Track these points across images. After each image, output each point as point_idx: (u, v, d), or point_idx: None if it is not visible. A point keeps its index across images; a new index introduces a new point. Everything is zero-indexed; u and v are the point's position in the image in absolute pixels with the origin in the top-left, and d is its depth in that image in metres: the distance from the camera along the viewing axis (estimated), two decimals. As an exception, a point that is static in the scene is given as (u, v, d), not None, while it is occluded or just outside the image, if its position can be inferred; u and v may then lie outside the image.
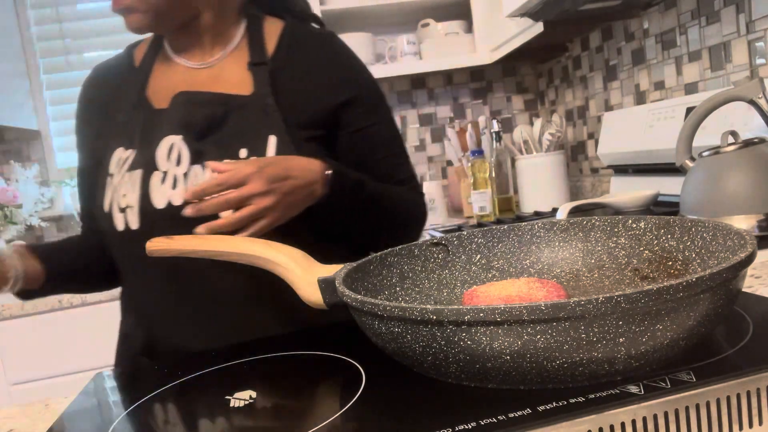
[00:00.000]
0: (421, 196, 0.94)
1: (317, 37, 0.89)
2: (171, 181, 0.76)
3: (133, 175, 0.76)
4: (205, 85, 0.82)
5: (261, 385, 0.52)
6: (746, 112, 1.10)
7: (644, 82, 1.65)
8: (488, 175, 1.85)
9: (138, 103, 0.82)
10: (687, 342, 0.41)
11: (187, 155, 0.76)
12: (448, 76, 2.36)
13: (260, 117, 0.79)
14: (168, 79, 0.85)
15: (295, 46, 0.86)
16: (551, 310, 0.36)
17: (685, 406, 0.38)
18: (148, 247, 0.68)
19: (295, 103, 0.82)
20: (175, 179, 0.76)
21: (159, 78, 0.85)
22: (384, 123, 0.92)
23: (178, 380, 0.57)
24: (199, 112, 0.78)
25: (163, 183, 0.76)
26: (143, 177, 0.76)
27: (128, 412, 0.50)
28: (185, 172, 0.76)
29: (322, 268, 0.60)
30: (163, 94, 0.82)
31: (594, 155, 2.00)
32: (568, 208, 1.31)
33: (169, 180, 0.76)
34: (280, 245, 0.63)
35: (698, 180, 0.93)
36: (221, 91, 0.81)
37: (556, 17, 1.54)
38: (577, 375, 0.39)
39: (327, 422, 0.41)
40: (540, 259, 0.65)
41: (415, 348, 0.43)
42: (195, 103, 0.79)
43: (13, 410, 0.61)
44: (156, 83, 0.85)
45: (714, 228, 0.52)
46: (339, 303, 0.56)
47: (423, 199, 0.95)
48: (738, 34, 1.27)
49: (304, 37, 0.88)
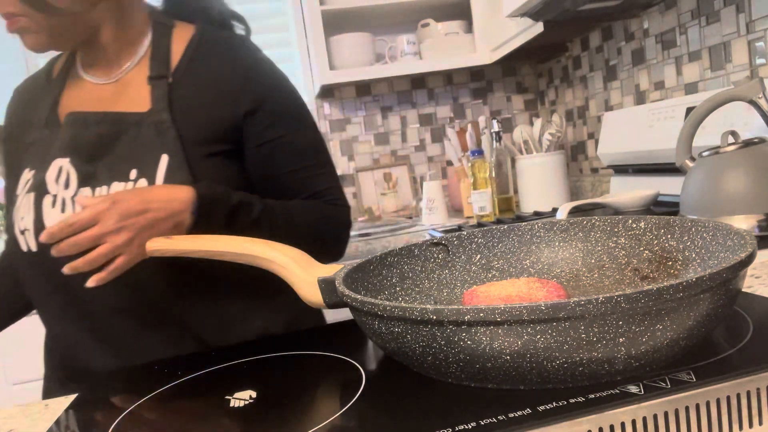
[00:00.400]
0: (338, 208, 0.88)
1: (223, 44, 0.83)
2: (60, 205, 0.75)
3: (28, 197, 0.76)
4: (106, 103, 0.80)
5: (261, 385, 0.52)
6: (746, 112, 1.10)
7: (644, 82, 1.65)
8: (488, 175, 1.85)
9: (48, 122, 0.80)
10: (687, 342, 0.41)
11: (75, 178, 0.75)
12: (448, 76, 2.36)
13: (153, 135, 0.76)
14: (77, 95, 0.82)
15: (200, 55, 0.81)
16: (551, 310, 0.36)
17: (685, 406, 0.38)
18: (148, 246, 0.68)
19: (193, 117, 0.78)
20: (63, 203, 0.75)
21: (70, 94, 0.83)
22: (295, 133, 0.85)
23: (178, 380, 0.57)
24: (88, 133, 0.76)
25: (54, 206, 0.75)
26: (36, 200, 0.75)
27: (128, 412, 0.50)
28: (73, 196, 0.75)
29: (322, 268, 0.60)
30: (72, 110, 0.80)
31: (594, 155, 2.00)
32: (568, 208, 1.31)
33: (59, 203, 0.75)
34: (280, 245, 0.63)
35: (698, 180, 0.93)
36: (121, 108, 0.78)
37: (556, 17, 1.54)
38: (577, 375, 0.39)
39: (327, 422, 0.41)
40: (540, 259, 0.65)
41: (415, 348, 0.43)
42: (84, 123, 0.77)
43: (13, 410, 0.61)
44: (67, 100, 0.82)
45: (714, 228, 0.52)
46: (339, 303, 0.57)
47: (341, 210, 0.89)
48: (738, 34, 1.27)
49: (210, 44, 0.83)
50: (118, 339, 0.77)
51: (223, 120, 0.79)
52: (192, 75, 0.80)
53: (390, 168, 2.34)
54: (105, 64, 0.82)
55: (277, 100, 0.83)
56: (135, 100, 0.79)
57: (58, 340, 0.82)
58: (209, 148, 0.78)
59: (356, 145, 2.33)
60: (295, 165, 0.84)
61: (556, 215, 1.32)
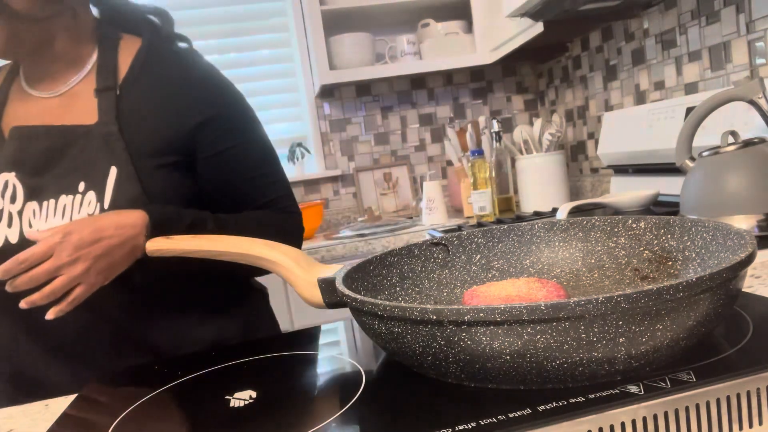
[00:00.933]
0: (291, 216, 0.89)
1: (172, 56, 0.83)
2: (6, 219, 0.74)
3: None
4: (53, 116, 0.79)
5: (261, 385, 0.52)
6: (746, 112, 1.10)
7: (644, 82, 1.65)
8: (488, 175, 1.85)
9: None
10: (687, 342, 0.41)
11: (21, 192, 0.75)
12: (448, 76, 2.36)
13: (101, 147, 0.75)
14: (22, 109, 0.81)
15: (148, 66, 0.81)
16: (551, 310, 0.36)
17: (685, 406, 0.38)
18: (149, 247, 0.68)
19: (142, 129, 0.77)
20: (10, 217, 0.74)
21: (13, 109, 0.81)
22: (246, 144, 0.85)
23: (178, 380, 0.57)
24: (34, 146, 0.76)
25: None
26: None
27: (128, 412, 0.50)
28: (19, 210, 0.74)
29: (322, 268, 0.60)
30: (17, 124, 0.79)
31: (594, 155, 2.00)
32: (568, 208, 1.31)
33: (5, 218, 0.74)
34: (280, 245, 0.63)
35: (698, 180, 0.93)
36: (68, 121, 0.78)
37: (556, 17, 1.54)
38: (577, 375, 0.39)
39: (327, 422, 0.41)
40: (540, 259, 0.65)
41: (415, 348, 0.43)
42: (29, 136, 0.76)
43: (13, 410, 0.61)
44: (10, 114, 0.81)
45: (714, 228, 0.52)
46: (339, 303, 0.57)
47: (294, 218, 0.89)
48: (738, 34, 1.27)
49: (158, 56, 0.83)
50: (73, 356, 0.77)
51: (173, 131, 0.79)
52: (140, 87, 0.80)
53: (390, 168, 2.34)
54: (51, 77, 0.81)
55: (228, 112, 0.83)
56: (82, 113, 0.78)
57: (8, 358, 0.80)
58: (159, 159, 0.78)
59: (356, 145, 2.33)
60: (247, 174, 0.85)
61: (556, 215, 1.32)
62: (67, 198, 0.74)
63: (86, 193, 0.74)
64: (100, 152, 0.75)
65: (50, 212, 0.74)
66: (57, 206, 0.74)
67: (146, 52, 0.82)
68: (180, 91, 0.80)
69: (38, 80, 0.82)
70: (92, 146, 0.76)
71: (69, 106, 0.80)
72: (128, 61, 0.81)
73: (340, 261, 1.75)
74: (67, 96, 0.81)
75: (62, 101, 0.80)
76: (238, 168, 0.84)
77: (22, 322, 0.77)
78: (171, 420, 0.49)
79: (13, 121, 0.80)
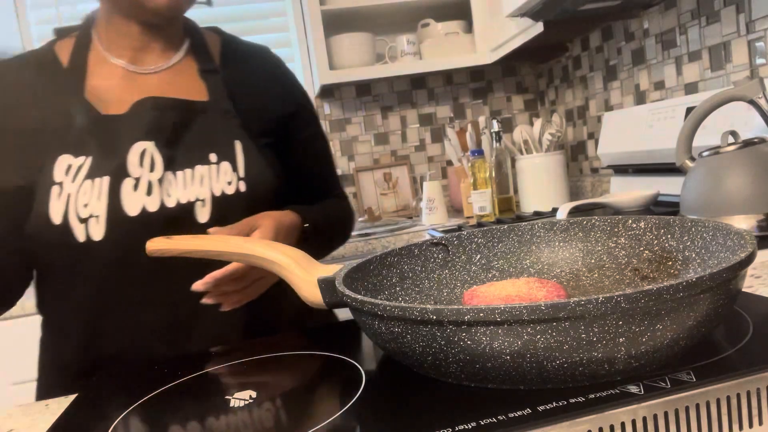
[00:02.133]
0: (348, 201, 1.01)
1: (258, 51, 0.92)
2: (145, 188, 0.74)
3: (97, 183, 0.73)
4: (162, 91, 0.80)
5: (261, 385, 0.52)
6: (746, 112, 1.10)
7: (644, 82, 1.65)
8: (488, 175, 1.85)
9: (79, 107, 0.77)
10: (687, 342, 0.41)
11: (160, 161, 0.75)
12: (448, 76, 2.36)
13: (222, 122, 0.80)
14: (108, 81, 0.80)
15: (239, 57, 0.88)
16: (551, 310, 0.36)
17: (685, 406, 0.38)
18: (149, 247, 0.68)
19: (248, 111, 0.83)
20: (149, 185, 0.74)
21: (96, 80, 0.80)
22: (319, 133, 0.96)
23: (178, 380, 0.57)
24: (167, 117, 0.77)
25: (136, 190, 0.74)
26: (112, 184, 0.73)
27: (128, 412, 0.50)
28: (159, 178, 0.75)
29: (322, 268, 0.60)
30: (110, 97, 0.79)
31: (594, 155, 2.00)
32: (568, 208, 1.31)
33: (143, 186, 0.74)
34: (280, 245, 0.63)
35: (698, 180, 0.93)
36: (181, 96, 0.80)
37: (556, 17, 1.54)
38: (577, 375, 0.39)
39: (327, 422, 0.41)
40: (540, 259, 0.65)
41: (415, 348, 0.43)
42: (162, 108, 0.78)
43: (13, 410, 0.61)
44: (94, 86, 0.80)
45: (714, 228, 0.52)
46: (339, 303, 0.57)
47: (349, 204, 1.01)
48: (738, 34, 1.27)
49: (244, 49, 0.90)
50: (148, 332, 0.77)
51: (271, 117, 0.87)
52: (238, 74, 0.86)
53: (390, 168, 2.34)
54: (147, 53, 0.83)
55: (307, 102, 0.95)
56: (188, 90, 0.81)
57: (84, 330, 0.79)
58: (261, 140, 0.83)
59: (356, 145, 2.33)
60: (322, 161, 0.96)
61: (556, 215, 1.32)
62: (203, 168, 0.77)
63: (220, 164, 0.78)
64: (221, 127, 0.80)
65: (188, 181, 0.76)
66: (194, 175, 0.77)
67: (229, 44, 0.89)
68: (274, 80, 0.90)
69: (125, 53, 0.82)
70: (212, 121, 0.80)
71: (173, 83, 0.82)
72: (216, 50, 0.88)
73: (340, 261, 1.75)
74: (168, 73, 0.83)
75: (163, 78, 0.83)
76: (317, 155, 0.95)
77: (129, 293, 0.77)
78: (171, 420, 0.49)
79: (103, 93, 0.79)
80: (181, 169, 0.76)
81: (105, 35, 0.82)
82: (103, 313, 0.78)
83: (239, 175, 0.78)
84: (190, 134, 0.78)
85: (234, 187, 0.78)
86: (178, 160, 0.77)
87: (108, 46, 0.82)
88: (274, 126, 0.86)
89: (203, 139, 0.78)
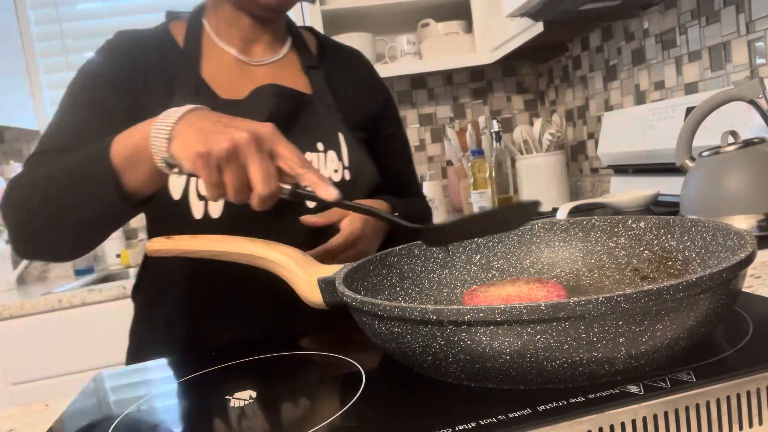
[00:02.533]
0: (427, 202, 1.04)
1: (350, 51, 0.98)
2: None
3: None
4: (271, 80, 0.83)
5: (261, 385, 0.52)
6: (746, 112, 1.10)
7: (644, 82, 1.65)
8: (488, 175, 1.85)
9: (198, 89, 0.80)
10: (687, 342, 0.41)
11: None
12: (448, 76, 2.36)
13: (325, 115, 0.84)
14: (219, 67, 0.83)
15: (335, 56, 0.93)
16: (551, 310, 0.36)
17: (685, 406, 0.38)
18: (149, 247, 0.68)
19: (346, 106, 0.87)
20: None
21: (210, 64, 0.83)
22: (403, 131, 1.01)
23: (178, 380, 0.57)
24: (283, 105, 0.80)
25: None
26: None
27: (128, 412, 0.50)
28: None
29: (322, 268, 0.60)
30: (224, 82, 0.82)
31: (594, 155, 2.00)
32: (568, 208, 1.31)
33: None
34: (280, 245, 0.63)
35: (698, 180, 0.93)
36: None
37: (556, 17, 1.54)
38: (577, 375, 0.39)
39: (327, 422, 0.41)
40: (540, 259, 0.65)
41: (415, 348, 0.43)
42: (281, 96, 0.81)
43: (13, 410, 0.61)
44: (209, 69, 0.82)
45: (714, 228, 0.52)
46: (339, 303, 0.57)
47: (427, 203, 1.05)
48: (738, 34, 1.27)
49: (338, 49, 0.95)
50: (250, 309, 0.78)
51: (364, 113, 0.91)
52: (336, 71, 0.90)
53: (390, 168, 2.33)
54: (258, 45, 0.86)
55: (393, 104, 0.99)
56: (294, 84, 0.84)
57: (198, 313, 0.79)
58: (358, 134, 0.87)
59: (356, 145, 2.33)
60: (401, 160, 0.99)
61: (556, 215, 1.32)
62: (312, 155, 0.81)
63: (327, 152, 0.82)
64: (324, 119, 0.84)
65: None
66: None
67: (325, 44, 0.94)
68: (366, 79, 0.95)
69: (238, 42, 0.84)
70: (317, 113, 0.84)
71: (277, 76, 0.85)
72: (313, 48, 0.92)
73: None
74: (273, 66, 0.87)
75: (269, 70, 0.86)
76: (400, 153, 0.99)
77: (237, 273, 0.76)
78: (171, 420, 0.49)
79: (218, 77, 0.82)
80: None
81: (215, 23, 0.85)
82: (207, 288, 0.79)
83: (344, 164, 0.82)
84: (300, 123, 0.82)
85: (340, 175, 0.82)
86: None
87: (219, 33, 0.85)
88: (365, 122, 0.90)
89: (309, 129, 0.82)
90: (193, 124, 0.56)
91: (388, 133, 0.96)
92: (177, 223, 0.76)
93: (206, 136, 0.54)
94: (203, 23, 0.86)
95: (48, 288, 1.83)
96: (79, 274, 2.09)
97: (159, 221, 0.80)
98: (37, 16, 2.18)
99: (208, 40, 0.85)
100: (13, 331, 1.63)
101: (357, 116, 0.88)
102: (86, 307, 1.66)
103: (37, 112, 2.18)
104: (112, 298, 1.66)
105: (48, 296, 1.64)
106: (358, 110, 0.89)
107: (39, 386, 1.65)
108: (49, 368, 1.65)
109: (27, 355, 1.64)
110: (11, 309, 1.62)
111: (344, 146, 0.83)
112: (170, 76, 0.80)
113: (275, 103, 0.79)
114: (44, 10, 2.18)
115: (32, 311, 1.63)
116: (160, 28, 0.86)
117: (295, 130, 0.81)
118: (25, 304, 1.62)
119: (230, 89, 0.81)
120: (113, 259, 2.14)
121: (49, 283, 2.02)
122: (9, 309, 1.61)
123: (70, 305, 1.65)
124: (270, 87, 0.81)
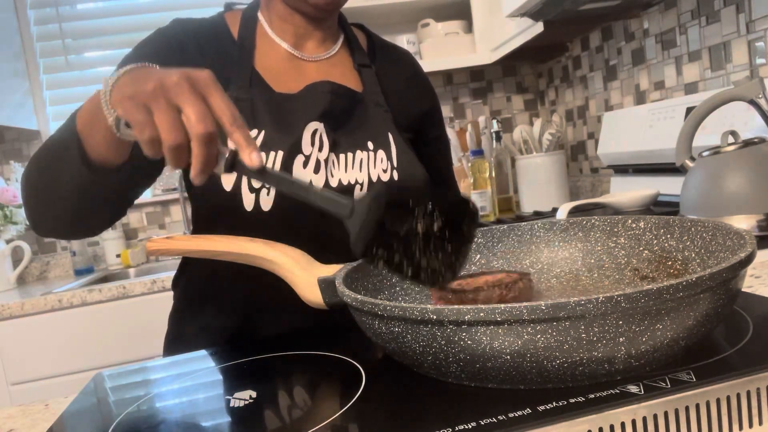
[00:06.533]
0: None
1: (400, 51, 0.97)
2: (313, 166, 0.77)
3: (271, 156, 0.75)
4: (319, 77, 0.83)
5: (261, 385, 0.52)
6: (746, 112, 1.10)
7: (644, 82, 1.65)
8: (488, 175, 1.85)
9: (253, 80, 0.80)
10: (687, 342, 0.41)
11: (326, 142, 0.78)
12: (448, 76, 2.36)
13: (376, 113, 0.84)
14: (272, 60, 0.83)
15: (385, 55, 0.93)
16: (551, 310, 0.36)
17: (685, 406, 0.38)
18: (149, 246, 0.68)
19: (395, 106, 0.87)
20: (318, 163, 0.77)
21: (263, 57, 0.83)
22: (446, 137, 1.01)
23: (179, 380, 0.57)
24: (336, 102, 0.80)
25: (305, 167, 0.76)
26: (284, 159, 0.75)
27: (128, 412, 0.50)
28: (325, 158, 0.78)
29: (322, 268, 0.60)
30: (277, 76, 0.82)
31: (594, 155, 2.00)
32: (568, 208, 1.31)
33: (312, 164, 0.77)
34: (280, 245, 0.63)
35: (698, 180, 0.93)
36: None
37: (556, 17, 1.54)
38: (577, 375, 0.39)
39: (327, 422, 0.41)
40: (540, 259, 0.65)
41: (415, 348, 0.43)
42: (335, 93, 0.81)
43: (13, 410, 0.61)
44: (261, 63, 0.82)
45: (714, 228, 0.52)
46: (339, 303, 0.57)
47: None
48: (738, 34, 1.27)
49: (388, 48, 0.95)
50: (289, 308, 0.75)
51: (412, 113, 0.90)
52: (386, 70, 0.90)
53: (390, 168, 2.33)
54: (311, 41, 0.86)
55: (438, 106, 0.98)
56: (345, 81, 0.84)
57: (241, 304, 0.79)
58: (406, 134, 0.87)
59: (356, 145, 2.33)
60: (444, 162, 0.99)
61: (556, 215, 1.32)
62: (362, 153, 0.80)
63: (377, 151, 0.81)
64: (374, 118, 0.83)
65: (349, 164, 0.79)
66: (354, 159, 0.80)
67: (375, 43, 0.93)
68: (414, 80, 0.94)
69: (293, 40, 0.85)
70: (368, 112, 0.83)
71: (329, 73, 0.85)
72: (364, 46, 0.92)
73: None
74: (325, 63, 0.86)
75: (321, 67, 0.86)
76: (443, 155, 0.99)
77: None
78: (171, 420, 0.49)
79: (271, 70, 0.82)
80: (344, 152, 0.79)
81: (268, 17, 0.85)
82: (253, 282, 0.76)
83: (393, 164, 0.81)
84: (351, 121, 0.82)
85: (388, 175, 0.81)
86: (341, 143, 0.79)
87: (272, 27, 0.85)
88: (412, 123, 0.90)
89: (360, 127, 0.82)
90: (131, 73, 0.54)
91: (432, 135, 0.95)
92: (228, 215, 0.74)
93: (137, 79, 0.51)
94: (258, 16, 0.86)
95: (48, 288, 1.83)
96: (79, 274, 2.09)
97: (209, 213, 0.78)
98: (37, 16, 2.18)
99: (262, 32, 0.85)
100: (13, 331, 1.63)
101: (405, 117, 0.88)
102: (86, 307, 1.66)
103: (37, 112, 2.18)
104: (112, 298, 1.66)
105: (48, 296, 1.64)
106: (407, 111, 0.89)
107: (39, 386, 1.65)
108: (48, 368, 1.65)
109: (27, 355, 1.64)
110: (11, 309, 1.62)
111: (394, 146, 0.82)
112: (223, 65, 0.79)
113: (329, 100, 0.79)
114: (44, 10, 2.18)
115: (32, 311, 1.63)
116: (216, 17, 0.87)
117: (348, 128, 0.81)
118: (25, 304, 1.62)
119: (283, 83, 0.81)
120: (113, 259, 2.15)
121: (49, 283, 2.02)
122: (9, 309, 1.61)
123: (70, 305, 1.65)
124: (325, 84, 0.80)
